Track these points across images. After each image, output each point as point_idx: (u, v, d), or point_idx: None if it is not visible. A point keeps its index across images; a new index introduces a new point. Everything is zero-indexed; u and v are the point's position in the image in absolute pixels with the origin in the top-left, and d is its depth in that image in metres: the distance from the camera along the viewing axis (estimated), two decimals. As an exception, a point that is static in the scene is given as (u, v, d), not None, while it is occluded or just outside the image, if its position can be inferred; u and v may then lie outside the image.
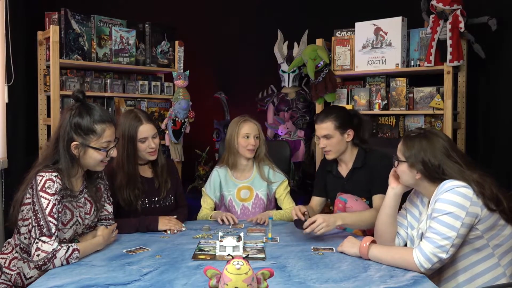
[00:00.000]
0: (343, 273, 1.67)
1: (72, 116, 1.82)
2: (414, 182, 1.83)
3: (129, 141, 2.26)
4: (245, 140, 2.53)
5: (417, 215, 1.92)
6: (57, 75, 3.04)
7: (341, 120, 2.36)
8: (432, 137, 1.81)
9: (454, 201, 1.65)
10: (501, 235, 1.71)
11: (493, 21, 2.87)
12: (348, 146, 2.40)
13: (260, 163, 2.61)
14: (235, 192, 2.59)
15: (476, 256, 1.72)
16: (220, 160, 2.70)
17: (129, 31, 3.37)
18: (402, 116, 3.25)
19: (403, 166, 1.83)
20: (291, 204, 2.59)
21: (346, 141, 2.38)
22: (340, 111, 2.44)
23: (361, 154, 2.40)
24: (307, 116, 3.88)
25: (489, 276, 1.71)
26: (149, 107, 3.49)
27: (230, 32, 4.22)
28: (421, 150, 1.78)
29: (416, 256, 1.66)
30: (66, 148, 1.82)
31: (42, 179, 1.75)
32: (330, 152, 2.38)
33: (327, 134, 2.35)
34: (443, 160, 1.75)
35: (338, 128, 2.35)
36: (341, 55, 3.41)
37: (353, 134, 2.39)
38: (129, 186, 2.27)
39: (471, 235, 1.69)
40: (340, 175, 2.44)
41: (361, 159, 2.38)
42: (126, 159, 2.26)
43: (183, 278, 1.59)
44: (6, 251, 1.91)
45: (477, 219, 1.66)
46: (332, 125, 2.35)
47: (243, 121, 2.57)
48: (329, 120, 2.35)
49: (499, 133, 3.04)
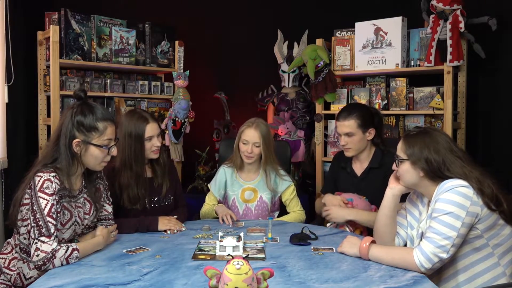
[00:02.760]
0: (343, 273, 1.67)
1: (75, 114, 1.84)
2: (416, 182, 1.82)
3: (136, 140, 2.27)
4: (243, 145, 2.52)
5: (417, 215, 1.92)
6: (57, 75, 3.04)
7: (364, 118, 2.35)
8: (434, 133, 1.82)
9: (454, 200, 1.65)
10: (500, 234, 1.72)
11: (493, 21, 2.87)
12: (368, 144, 2.39)
13: (267, 168, 2.56)
14: (240, 192, 2.59)
15: (476, 255, 1.72)
16: (229, 158, 2.69)
17: (129, 31, 3.37)
18: (402, 116, 3.25)
19: (406, 165, 1.81)
20: (298, 207, 2.58)
21: (367, 140, 2.37)
22: (363, 109, 2.42)
23: (378, 154, 2.39)
24: (307, 116, 3.88)
25: (489, 276, 1.71)
26: (149, 107, 3.49)
27: (230, 32, 4.22)
28: (424, 146, 1.77)
29: (416, 256, 1.66)
30: (67, 145, 1.82)
31: (40, 180, 1.75)
32: (350, 150, 2.38)
33: (350, 132, 2.34)
34: (446, 156, 1.74)
35: (361, 127, 2.34)
36: (341, 55, 3.41)
37: (374, 133, 2.38)
38: (137, 185, 2.28)
39: (471, 234, 1.69)
40: (354, 174, 2.43)
41: (378, 159, 2.37)
42: (134, 158, 2.27)
43: (183, 278, 1.59)
44: (5, 251, 1.91)
45: (477, 218, 1.66)
46: (355, 123, 2.34)
47: (247, 126, 2.53)
48: (352, 118, 2.34)
49: (499, 133, 3.04)
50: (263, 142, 2.50)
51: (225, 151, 2.99)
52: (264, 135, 2.50)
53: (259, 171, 2.60)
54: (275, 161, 2.58)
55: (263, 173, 2.58)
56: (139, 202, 2.29)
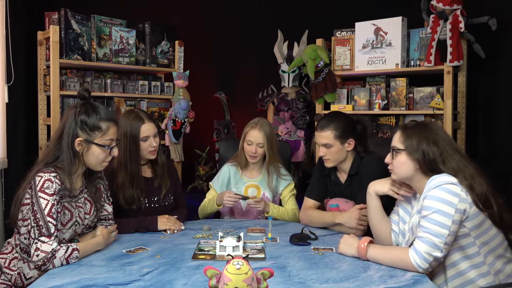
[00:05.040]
0: (343, 273, 1.67)
1: (78, 113, 1.84)
2: (411, 174, 1.80)
3: (132, 140, 2.27)
4: (247, 146, 2.56)
5: (409, 210, 1.92)
6: (57, 75, 3.04)
7: (342, 129, 2.27)
8: (433, 126, 1.83)
9: (442, 198, 1.65)
10: (488, 233, 1.71)
11: (493, 21, 2.87)
12: (349, 155, 2.32)
13: (270, 168, 2.60)
14: (243, 189, 2.61)
15: (462, 253, 1.71)
16: (232, 157, 2.71)
17: (129, 31, 3.37)
18: (402, 116, 3.25)
19: (402, 156, 1.80)
20: (294, 206, 2.59)
21: (346, 150, 2.29)
22: (342, 119, 2.32)
23: (356, 160, 2.32)
24: (307, 116, 3.88)
25: (475, 273, 1.70)
26: (149, 107, 3.49)
27: (230, 32, 4.22)
28: (423, 138, 1.76)
29: (412, 257, 1.66)
30: (70, 144, 1.83)
31: (40, 180, 1.75)
32: (329, 161, 2.30)
33: (327, 143, 2.26)
34: (445, 148, 1.74)
35: (338, 138, 2.26)
36: (341, 55, 3.41)
37: (354, 144, 2.30)
38: (132, 185, 2.27)
39: (459, 232, 1.68)
40: (339, 181, 2.39)
41: (356, 165, 2.31)
42: (129, 158, 2.27)
43: (183, 278, 1.59)
44: (6, 251, 1.91)
45: (465, 215, 1.66)
46: (332, 134, 2.25)
47: (251, 127, 2.56)
48: (329, 129, 2.26)
49: (499, 133, 3.04)
50: (267, 143, 2.54)
51: (225, 151, 2.99)
52: (268, 135, 2.55)
53: (262, 169, 2.64)
54: (278, 161, 2.62)
55: (265, 172, 2.62)
56: (135, 202, 2.28)
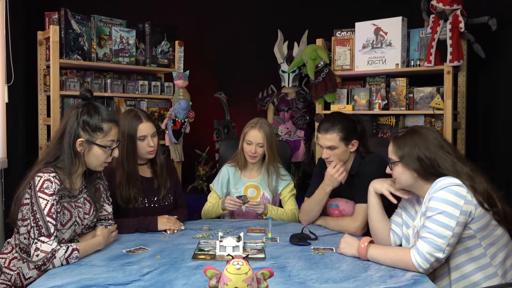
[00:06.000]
0: (343, 273, 1.67)
1: (81, 114, 1.85)
2: (412, 182, 1.80)
3: (129, 139, 2.27)
4: (247, 146, 2.56)
5: (413, 214, 1.92)
6: (57, 75, 3.04)
7: (346, 130, 2.25)
8: (422, 131, 1.81)
9: (447, 199, 1.65)
10: (493, 235, 1.71)
11: (493, 21, 2.87)
12: (351, 155, 2.32)
13: (269, 168, 2.59)
14: (243, 190, 2.61)
15: (467, 255, 1.71)
16: (231, 158, 2.71)
17: (129, 31, 3.37)
18: (402, 116, 3.25)
19: (399, 167, 1.81)
20: (293, 206, 2.59)
21: (349, 152, 2.29)
22: (346, 121, 2.30)
23: (357, 160, 2.32)
24: (307, 116, 3.87)
25: (481, 275, 1.70)
26: (149, 107, 3.49)
27: (230, 32, 4.22)
28: (414, 146, 1.76)
29: (413, 257, 1.66)
30: (71, 144, 1.83)
31: (40, 180, 1.75)
32: (332, 163, 2.27)
33: (332, 145, 2.24)
34: (437, 153, 1.74)
35: (344, 140, 2.24)
36: (341, 55, 3.41)
37: (357, 144, 2.30)
38: (128, 184, 2.27)
39: (464, 234, 1.68)
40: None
41: (356, 165, 2.31)
42: (126, 157, 2.27)
43: (183, 278, 1.59)
44: (6, 251, 1.91)
45: (471, 217, 1.66)
46: (338, 136, 2.23)
47: (250, 127, 2.56)
48: (334, 132, 2.23)
49: (499, 133, 3.04)
50: (266, 143, 2.54)
51: (225, 151, 2.99)
52: (268, 135, 2.54)
53: (262, 169, 2.63)
54: (277, 161, 2.62)
55: (265, 172, 2.61)
56: (131, 202, 2.28)
